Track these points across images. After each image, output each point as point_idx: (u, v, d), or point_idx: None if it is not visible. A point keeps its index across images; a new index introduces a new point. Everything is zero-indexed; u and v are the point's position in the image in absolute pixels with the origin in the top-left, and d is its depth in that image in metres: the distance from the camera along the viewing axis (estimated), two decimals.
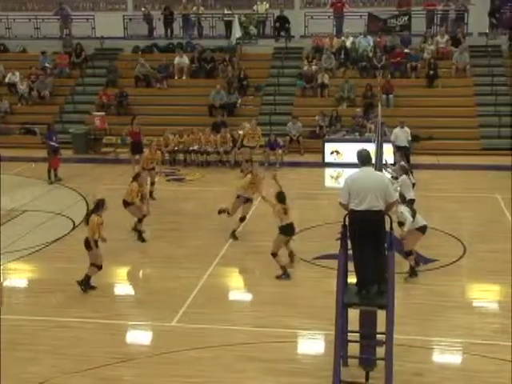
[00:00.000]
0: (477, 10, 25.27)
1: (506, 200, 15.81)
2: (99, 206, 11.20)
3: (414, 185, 13.60)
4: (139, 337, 9.96)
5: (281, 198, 11.66)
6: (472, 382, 8.43)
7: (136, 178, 13.79)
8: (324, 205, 15.94)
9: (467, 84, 23.34)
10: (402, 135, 18.56)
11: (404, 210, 11.26)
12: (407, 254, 11.56)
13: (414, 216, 11.35)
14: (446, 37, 24.68)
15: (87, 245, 11.09)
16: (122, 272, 12.53)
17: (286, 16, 26.31)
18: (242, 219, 13.84)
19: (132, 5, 28.40)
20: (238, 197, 13.61)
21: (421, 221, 11.51)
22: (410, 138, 18.84)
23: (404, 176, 13.29)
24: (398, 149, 17.92)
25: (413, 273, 11.48)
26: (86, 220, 11.26)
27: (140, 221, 13.77)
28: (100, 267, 11.18)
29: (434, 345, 9.39)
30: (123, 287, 11.95)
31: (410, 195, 12.84)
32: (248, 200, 13.68)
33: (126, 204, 13.62)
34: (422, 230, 11.49)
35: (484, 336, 9.51)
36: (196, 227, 14.62)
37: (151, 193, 16.20)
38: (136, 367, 8.87)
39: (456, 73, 23.59)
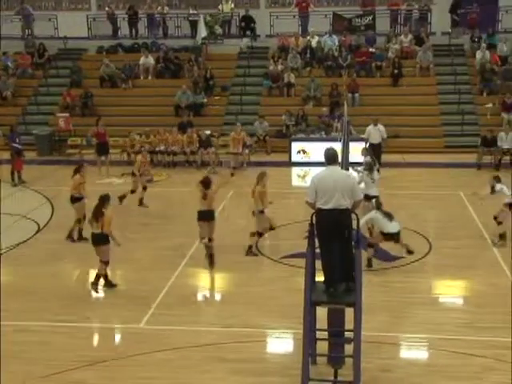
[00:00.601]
0: (440, 10, 25.60)
1: (469, 197, 16.04)
2: (105, 200, 11.19)
3: (374, 181, 13.72)
4: (107, 339, 9.87)
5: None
6: (438, 376, 8.54)
7: (78, 170, 13.79)
8: (291, 204, 15.99)
9: (431, 83, 23.64)
10: (376, 133, 18.69)
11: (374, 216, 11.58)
12: (369, 246, 11.76)
13: (390, 220, 11.64)
14: (410, 36, 24.96)
15: (100, 240, 10.97)
16: (89, 274, 12.38)
17: (252, 15, 26.32)
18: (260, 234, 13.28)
19: (96, 4, 28.08)
20: (262, 212, 13.04)
21: (391, 228, 11.67)
22: (384, 136, 18.98)
23: (365, 172, 13.46)
24: (371, 146, 18.09)
25: (369, 264, 11.71)
26: (95, 217, 11.05)
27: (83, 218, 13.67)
28: (107, 263, 11.16)
29: (400, 341, 9.50)
30: (90, 290, 11.79)
31: (371, 192, 13.01)
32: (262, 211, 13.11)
33: (74, 200, 13.53)
34: (388, 237, 11.69)
35: (449, 331, 9.64)
36: (164, 228, 14.54)
37: (141, 199, 16.05)
38: (103, 370, 8.79)
39: (420, 72, 23.87)
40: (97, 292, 11.14)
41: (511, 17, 24.55)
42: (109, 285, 11.31)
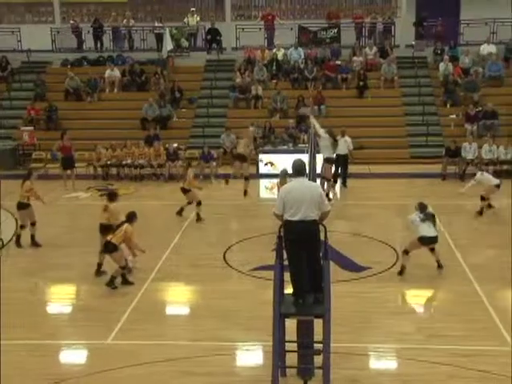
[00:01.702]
0: (403, 23, 25.99)
1: (434, 207, 16.20)
2: (132, 217, 11.84)
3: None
4: (73, 356, 9.69)
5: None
6: None
7: (28, 176, 13.77)
8: (259, 216, 15.98)
9: (395, 94, 23.95)
10: (343, 144, 18.84)
11: None
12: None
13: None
14: (375, 49, 25.30)
15: (111, 248, 11.51)
16: (53, 290, 12.20)
17: (218, 28, 26.39)
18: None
19: (60, 17, 27.84)
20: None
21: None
22: (351, 147, 19.15)
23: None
24: (338, 157, 18.24)
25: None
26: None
27: (32, 225, 13.75)
28: (124, 267, 11.72)
29: (369, 351, 9.52)
30: (55, 306, 11.61)
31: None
32: None
33: (21, 206, 13.47)
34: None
35: (416, 340, 9.70)
36: None
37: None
38: None
39: (384, 84, 24.18)
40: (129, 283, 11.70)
41: (472, 30, 25.00)
42: (125, 281, 11.80)
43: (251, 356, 9.55)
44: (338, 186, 18.64)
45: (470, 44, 25.06)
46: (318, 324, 8.13)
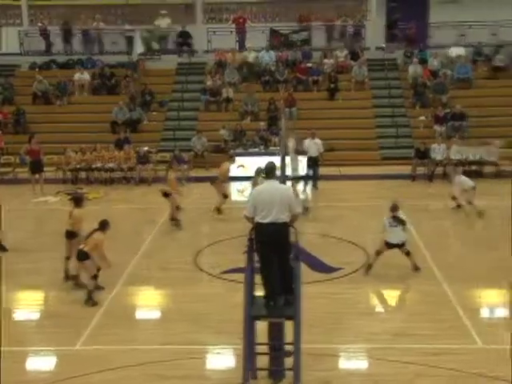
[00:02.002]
0: (374, 26, 26.21)
1: (404, 208, 16.34)
2: (105, 225, 11.40)
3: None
4: (41, 363, 9.55)
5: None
6: None
7: None
8: (231, 218, 15.96)
9: (366, 96, 24.13)
10: (313, 146, 18.90)
11: None
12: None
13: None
14: (345, 51, 25.46)
15: (82, 257, 11.16)
16: (21, 296, 12.02)
17: (188, 31, 26.32)
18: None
19: (28, 20, 27.52)
20: None
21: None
22: (321, 149, 19.21)
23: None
24: (309, 159, 18.28)
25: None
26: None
27: None
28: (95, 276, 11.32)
29: (340, 352, 9.56)
30: (22, 312, 11.43)
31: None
32: None
33: None
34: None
35: (385, 340, 9.75)
36: None
37: None
38: None
39: (355, 86, 24.34)
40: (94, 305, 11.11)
41: (441, 32, 25.29)
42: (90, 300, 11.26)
43: (222, 359, 9.52)
44: (308, 188, 18.71)
45: (439, 47, 25.33)
46: (289, 326, 8.14)
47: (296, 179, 16.78)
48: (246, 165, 20.30)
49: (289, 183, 14.22)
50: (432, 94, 23.31)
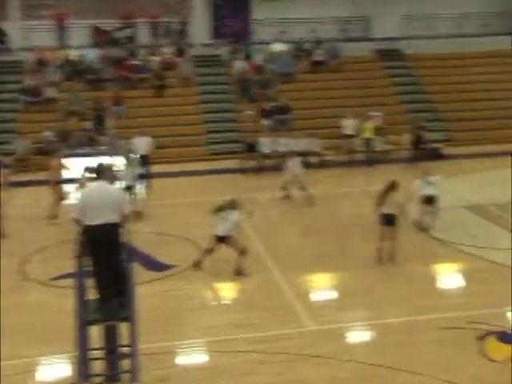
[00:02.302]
0: (199, 22, 26.35)
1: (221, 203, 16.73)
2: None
3: None
4: None
5: None
6: (216, 377, 8.76)
7: None
8: (58, 222, 15.35)
9: (193, 93, 24.27)
10: (142, 144, 18.63)
11: None
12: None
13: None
14: (171, 48, 25.41)
15: None
16: None
17: (1, 28, 24.81)
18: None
19: None
20: None
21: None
22: (151, 147, 19.01)
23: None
24: (140, 158, 18.04)
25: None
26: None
27: None
28: None
29: (178, 349, 9.58)
30: None
31: None
32: None
33: None
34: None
35: (224, 332, 9.93)
36: None
37: None
38: None
39: (182, 82, 24.39)
40: None
41: (264, 29, 26.03)
42: None
43: (56, 369, 9.14)
44: (142, 186, 18.48)
45: (263, 43, 26.05)
46: (125, 328, 7.99)
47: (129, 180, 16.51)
48: (73, 166, 19.64)
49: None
50: (258, 89, 23.97)
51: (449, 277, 12.40)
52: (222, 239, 12.11)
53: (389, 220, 12.45)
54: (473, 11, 27.19)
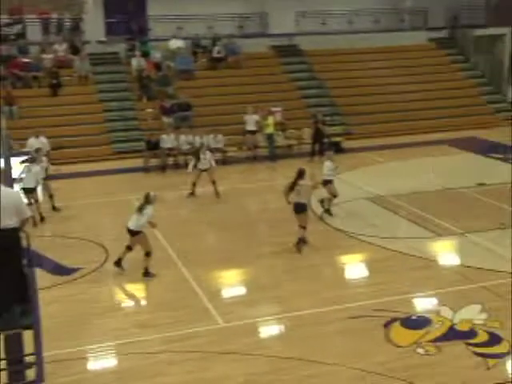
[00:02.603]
0: (93, 19, 25.67)
1: (139, 200, 16.41)
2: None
3: None
4: None
5: None
6: (128, 381, 8.59)
7: None
8: None
9: (91, 91, 23.66)
10: (38, 144, 17.92)
11: None
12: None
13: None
14: (65, 45, 24.64)
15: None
16: None
17: None
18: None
19: None
20: None
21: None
22: (48, 148, 18.40)
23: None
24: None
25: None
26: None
27: None
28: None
29: (86, 354, 9.30)
30: None
31: None
32: None
33: None
34: None
35: (132, 334, 9.74)
36: None
37: None
38: None
39: (79, 81, 23.71)
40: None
41: (161, 25, 25.75)
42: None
43: None
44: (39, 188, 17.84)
45: (160, 39, 25.75)
46: (29, 336, 7.67)
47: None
48: None
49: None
50: (157, 87, 23.67)
51: (353, 267, 12.71)
52: (133, 233, 11.86)
53: (298, 208, 12.69)
54: (364, 8, 28.13)
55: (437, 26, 29.18)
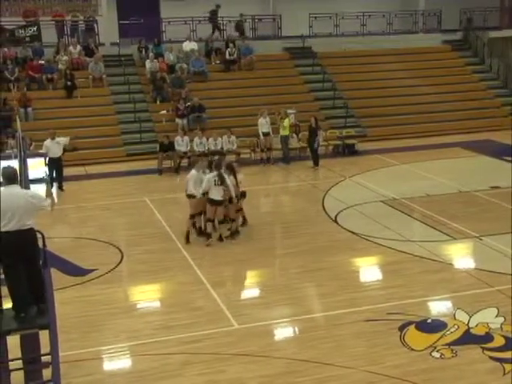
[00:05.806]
0: (106, 21, 25.83)
1: (154, 202, 16.51)
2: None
3: None
4: None
5: None
6: (143, 381, 8.57)
7: None
8: None
9: (105, 93, 23.75)
10: (54, 147, 18.01)
11: None
12: None
13: None
14: (79, 47, 24.76)
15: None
16: None
17: None
18: None
19: None
20: None
21: None
22: (67, 143, 18.46)
23: None
24: (52, 161, 17.49)
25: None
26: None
27: None
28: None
29: (102, 354, 9.31)
30: None
31: None
32: None
33: None
34: None
35: (147, 335, 9.74)
36: None
37: None
38: None
39: (93, 83, 23.80)
40: None
41: (174, 28, 25.84)
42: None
43: None
44: (54, 189, 17.92)
45: (173, 41, 25.83)
46: (45, 335, 7.70)
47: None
48: None
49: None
50: (171, 88, 23.72)
51: (368, 270, 12.65)
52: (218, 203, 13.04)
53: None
54: (377, 10, 28.08)
55: (451, 28, 29.08)
